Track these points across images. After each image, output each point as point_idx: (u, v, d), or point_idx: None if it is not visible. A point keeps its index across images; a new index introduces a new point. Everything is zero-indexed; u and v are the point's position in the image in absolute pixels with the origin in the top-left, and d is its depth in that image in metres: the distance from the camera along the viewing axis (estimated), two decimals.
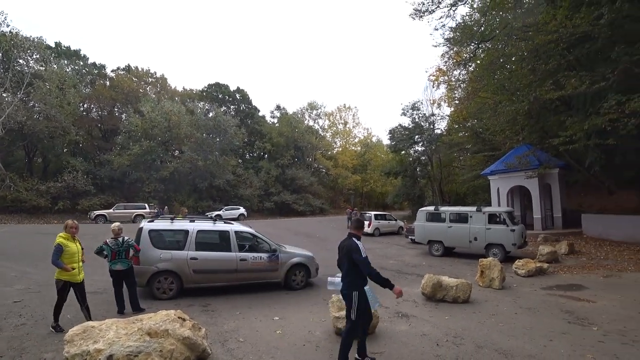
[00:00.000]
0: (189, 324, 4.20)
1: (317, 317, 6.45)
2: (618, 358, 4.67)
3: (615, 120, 11.49)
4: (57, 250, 5.42)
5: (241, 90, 50.00)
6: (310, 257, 9.44)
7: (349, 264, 4.39)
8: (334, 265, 12.65)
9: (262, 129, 48.18)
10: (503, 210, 13.63)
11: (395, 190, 40.60)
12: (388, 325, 6.10)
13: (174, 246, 8.03)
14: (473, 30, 15.92)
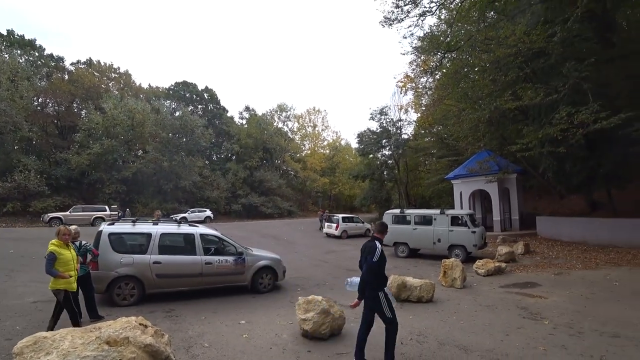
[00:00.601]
0: (151, 331, 4.03)
1: (284, 320, 6.47)
2: (566, 348, 5.08)
3: (565, 130, 12.28)
4: (51, 258, 5.16)
5: (209, 89, 49.07)
6: (277, 260, 9.38)
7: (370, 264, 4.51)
8: (303, 267, 12.89)
9: (231, 130, 47.46)
10: (465, 213, 14.12)
11: (363, 193, 41.19)
12: (354, 325, 6.08)
13: (135, 250, 7.73)
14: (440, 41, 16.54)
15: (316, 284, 10.08)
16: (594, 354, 4.87)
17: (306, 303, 5.70)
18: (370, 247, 4.58)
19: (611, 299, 7.67)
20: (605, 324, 6.06)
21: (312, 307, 5.62)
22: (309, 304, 5.67)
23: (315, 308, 5.57)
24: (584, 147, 13.61)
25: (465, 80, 18.31)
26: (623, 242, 13.50)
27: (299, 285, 9.77)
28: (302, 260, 14.28)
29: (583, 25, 13.02)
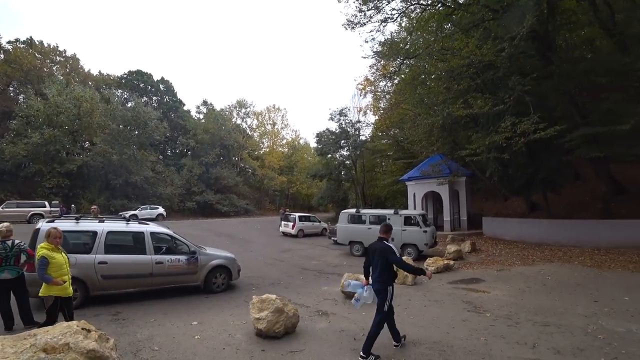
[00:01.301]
0: (94, 335, 3.81)
1: (238, 320, 6.44)
2: (504, 338, 5.56)
3: (509, 138, 13.14)
4: (43, 263, 4.80)
5: (165, 81, 47.08)
6: (231, 259, 9.28)
7: (384, 264, 4.94)
8: (258, 266, 12.86)
9: (187, 124, 45.92)
10: (417, 213, 14.74)
11: (321, 193, 41.67)
12: (308, 323, 6.35)
13: (79, 249, 7.19)
14: (399, 47, 17.20)
15: (271, 282, 10.12)
16: (528, 341, 5.38)
17: (260, 302, 5.73)
18: (383, 248, 5.00)
19: (543, 291, 8.45)
20: (538, 314, 6.70)
21: (266, 306, 5.66)
22: (263, 303, 5.70)
23: (270, 307, 5.61)
24: (525, 155, 14.63)
25: (421, 87, 19.04)
26: (555, 240, 14.88)
27: (254, 285, 9.75)
28: (258, 259, 14.24)
29: (528, 44, 14.14)
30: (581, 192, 19.85)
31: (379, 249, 5.02)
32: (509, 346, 5.24)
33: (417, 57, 16.68)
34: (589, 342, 5.30)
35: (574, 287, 8.74)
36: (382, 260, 4.95)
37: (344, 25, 17.25)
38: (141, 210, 30.07)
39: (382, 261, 4.95)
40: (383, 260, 4.95)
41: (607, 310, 6.84)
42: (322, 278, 10.81)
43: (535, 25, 13.21)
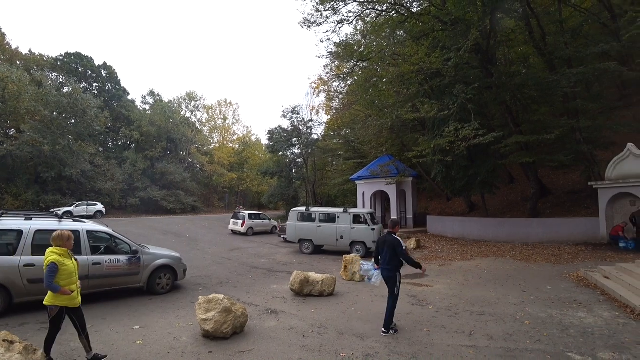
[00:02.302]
0: (19, 347, 3.52)
1: (183, 322, 6.24)
2: (444, 327, 5.99)
3: (453, 142, 14.01)
4: (52, 269, 4.21)
5: (108, 66, 43.48)
6: (177, 258, 8.86)
7: (392, 254, 5.73)
8: (205, 265, 12.56)
9: (131, 115, 42.81)
10: (365, 212, 15.11)
11: (271, 190, 41.22)
12: (257, 322, 6.27)
13: (1, 251, 6.54)
14: (354, 49, 17.58)
15: (219, 282, 9.88)
16: (466, 330, 5.85)
17: (207, 302, 5.58)
18: (392, 241, 5.77)
19: (480, 284, 9.17)
20: (475, 305, 7.28)
21: (214, 306, 5.51)
22: (210, 303, 5.55)
23: (217, 307, 5.48)
24: (466, 158, 15.67)
25: (373, 89, 19.69)
26: (491, 237, 16.19)
27: (201, 285, 9.48)
28: (205, 258, 13.86)
29: (472, 56, 15.21)
30: (513, 194, 21.84)
31: (389, 241, 5.79)
32: (449, 335, 5.66)
33: (370, 60, 17.21)
34: (517, 328, 5.90)
35: (506, 279, 9.59)
36: (390, 251, 5.74)
37: (301, 24, 17.35)
38: (77, 207, 27.85)
39: (390, 252, 5.75)
40: (392, 251, 5.73)
41: (533, 299, 7.62)
42: (271, 276, 10.77)
43: (479, 39, 14.30)
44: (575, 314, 6.55)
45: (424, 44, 15.07)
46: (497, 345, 5.22)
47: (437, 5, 16.04)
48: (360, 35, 19.51)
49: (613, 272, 8.49)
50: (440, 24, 15.35)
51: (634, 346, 5.12)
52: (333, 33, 20.47)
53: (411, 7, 17.32)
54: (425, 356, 4.86)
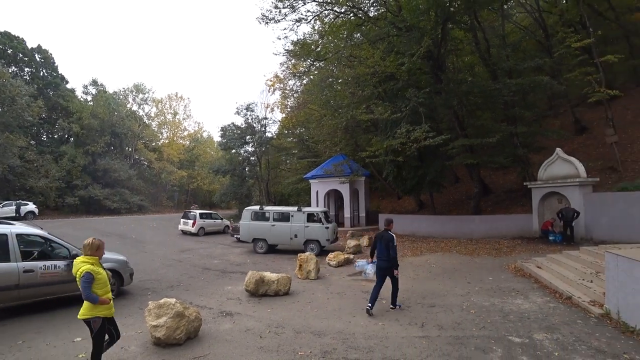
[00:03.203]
0: None
1: (131, 330, 5.87)
2: (398, 320, 6.30)
3: (404, 143, 14.49)
4: (88, 279, 3.97)
5: (44, 50, 39.39)
6: (123, 262, 8.28)
7: (388, 249, 6.68)
8: (154, 268, 12.07)
9: (70, 106, 39.00)
10: (319, 210, 15.20)
11: (223, 189, 40.26)
12: (212, 326, 6.11)
13: None
14: (311, 49, 17.68)
15: (170, 285, 9.42)
16: (418, 321, 6.19)
17: (158, 307, 5.33)
18: (388, 237, 6.77)
19: (429, 278, 9.70)
20: (425, 298, 7.71)
21: (165, 311, 5.28)
22: (160, 309, 5.31)
23: (168, 312, 5.25)
24: (416, 159, 16.45)
25: (329, 89, 19.92)
26: (439, 233, 17.09)
27: (150, 289, 8.98)
28: (154, 261, 13.18)
29: (424, 62, 15.93)
30: (458, 192, 23.28)
31: (385, 237, 6.82)
32: (402, 328, 5.95)
33: (327, 60, 17.43)
34: (464, 317, 6.36)
35: (453, 272, 10.22)
36: (386, 246, 6.73)
37: (258, 19, 17.12)
38: (3, 207, 25.16)
39: (386, 247, 6.72)
40: (386, 246, 6.72)
41: (477, 289, 8.23)
42: (225, 277, 10.51)
43: (431, 46, 15.05)
44: (514, 301, 7.19)
45: (379, 47, 15.55)
46: (447, 334, 5.59)
47: (393, 11, 16.65)
48: (317, 35, 19.68)
49: (544, 263, 9.44)
50: (396, 30, 15.94)
51: (562, 326, 5.78)
52: (291, 31, 20.66)
53: (368, 11, 17.74)
54: (380, 349, 5.06)
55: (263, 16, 16.96)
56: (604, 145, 16.88)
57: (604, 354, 4.79)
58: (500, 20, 18.93)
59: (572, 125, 21.37)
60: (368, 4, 17.68)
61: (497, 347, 5.03)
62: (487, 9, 17.29)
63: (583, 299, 6.80)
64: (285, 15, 16.83)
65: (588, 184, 13.27)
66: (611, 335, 5.36)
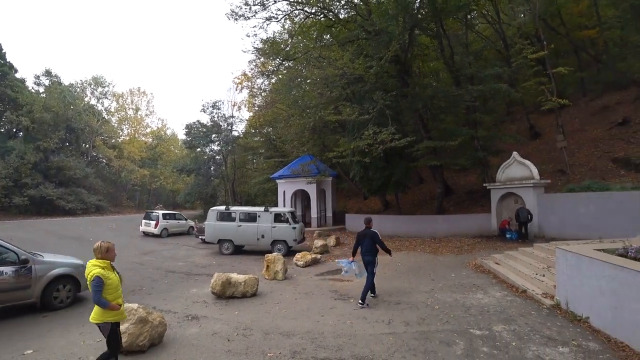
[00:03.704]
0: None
1: (90, 339, 5.52)
2: (366, 318, 6.41)
3: (371, 145, 14.76)
4: (98, 284, 3.90)
5: None
6: (79, 266, 7.72)
7: (371, 243, 7.39)
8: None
9: (19, 97, 35.96)
10: (287, 211, 15.13)
11: (188, 189, 39.15)
12: (177, 330, 5.95)
13: None
14: (280, 48, 17.60)
15: (131, 290, 8.99)
16: (385, 319, 6.34)
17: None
18: (371, 234, 7.47)
19: (395, 276, 9.96)
20: (392, 295, 7.91)
21: (126, 317, 4.99)
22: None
23: (130, 318, 5.04)
24: (382, 160, 16.81)
25: (297, 89, 19.87)
26: (404, 232, 17.53)
27: None
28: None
29: (391, 66, 16.36)
30: (422, 193, 24.05)
31: (368, 234, 7.47)
32: (370, 325, 6.07)
33: (296, 60, 17.44)
34: (429, 312, 6.60)
35: (418, 270, 10.55)
36: (370, 241, 7.40)
37: (228, 15, 16.80)
38: None
39: (370, 242, 7.40)
40: (371, 241, 7.39)
41: (441, 286, 8.56)
42: (190, 280, 10.21)
43: (399, 51, 15.46)
44: (475, 296, 7.56)
45: (348, 49, 15.77)
46: (413, 329, 5.77)
47: (363, 15, 16.96)
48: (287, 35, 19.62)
49: (502, 259, 9.99)
50: (365, 33, 16.22)
51: (518, 318, 6.17)
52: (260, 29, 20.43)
53: (339, 13, 17.97)
54: (349, 347, 5.15)
55: (233, 12, 16.71)
56: (555, 149, 18.09)
57: (555, 341, 5.17)
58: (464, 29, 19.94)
59: (527, 130, 22.76)
60: (339, 6, 17.92)
61: (459, 340, 5.27)
62: (452, 17, 18.14)
63: (536, 292, 7.29)
64: (255, 13, 16.69)
65: (541, 185, 14.19)
66: (561, 324, 5.80)
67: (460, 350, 4.93)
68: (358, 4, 17.61)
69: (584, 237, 10.29)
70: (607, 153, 16.70)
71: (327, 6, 16.94)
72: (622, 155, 15.81)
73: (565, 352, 4.84)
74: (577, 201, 12.86)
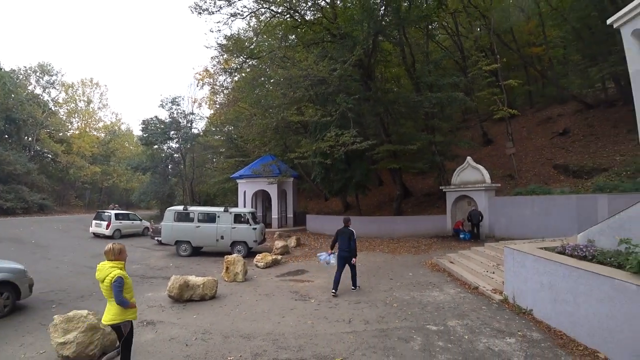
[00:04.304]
0: None
1: (32, 350, 5.13)
2: (326, 318, 6.48)
3: (332, 146, 14.97)
4: (121, 284, 4.06)
5: None
6: (19, 271, 7.15)
7: (349, 241, 8.10)
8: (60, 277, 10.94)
9: None
10: (247, 211, 14.88)
11: (143, 188, 37.57)
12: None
13: None
14: (244, 45, 17.29)
15: (80, 296, 8.34)
16: (345, 318, 6.43)
17: (66, 322, 4.77)
18: (348, 232, 8.21)
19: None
20: (352, 295, 8.03)
21: (75, 325, 4.75)
22: (70, 323, 4.76)
23: (79, 326, 4.74)
24: (343, 161, 17.04)
25: (260, 88, 19.70)
26: (364, 233, 17.66)
27: (55, 301, 7.84)
28: (60, 269, 11.60)
29: (355, 70, 16.66)
30: (382, 195, 24.69)
31: (346, 232, 8.20)
32: (330, 325, 6.13)
33: (260, 59, 17.24)
34: (387, 310, 6.78)
35: (377, 269, 10.79)
36: (346, 238, 8.12)
37: (191, 8, 16.27)
38: None
39: (346, 239, 8.12)
40: (347, 239, 8.11)
41: (399, 285, 8.82)
42: (145, 283, 9.73)
43: (362, 56, 15.79)
44: (431, 294, 7.87)
45: (313, 51, 15.86)
46: (373, 327, 5.91)
47: (329, 18, 17.16)
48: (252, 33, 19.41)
49: (456, 258, 10.50)
50: (330, 36, 16.40)
51: (471, 313, 6.52)
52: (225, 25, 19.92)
53: (305, 14, 18.03)
54: (311, 347, 5.18)
55: (196, 5, 16.19)
56: (505, 156, 19.30)
57: (503, 333, 5.53)
58: (425, 39, 20.85)
59: (480, 137, 24.11)
60: (305, 8, 18.01)
61: (417, 336, 5.47)
62: (414, 27, 18.88)
63: (487, 288, 7.75)
64: (220, 8, 16.28)
65: (492, 189, 15.07)
66: (509, 317, 6.20)
67: (418, 346, 5.12)
68: (324, 7, 17.78)
69: (530, 236, 11.11)
70: (549, 160, 18.05)
71: (294, 7, 16.93)
72: (562, 162, 17.15)
73: (512, 342, 5.19)
74: (523, 204, 13.81)
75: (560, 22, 22.47)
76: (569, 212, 12.32)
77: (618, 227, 5.80)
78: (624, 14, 6.86)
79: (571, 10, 20.11)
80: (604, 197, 11.54)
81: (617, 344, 4.43)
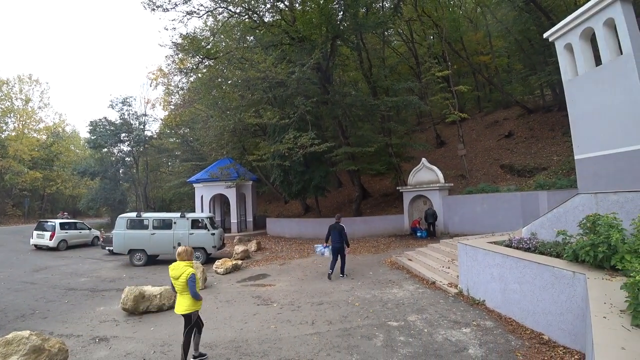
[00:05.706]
0: None
1: None
2: (290, 321, 6.44)
3: (291, 149, 14.93)
4: (194, 280, 4.86)
5: None
6: None
7: (339, 235, 9.60)
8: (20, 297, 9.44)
9: None
10: (205, 216, 14.40)
11: (92, 194, 35.23)
12: (83, 356, 5.30)
13: None
14: (201, 45, 16.63)
15: (20, 315, 7.65)
16: (308, 320, 6.46)
17: (5, 345, 4.41)
18: (339, 227, 9.74)
19: (317, 277, 10.16)
20: (314, 297, 8.06)
21: (15, 348, 4.40)
22: (9, 346, 4.40)
23: (21, 349, 4.39)
24: (302, 164, 17.08)
25: (217, 90, 19.22)
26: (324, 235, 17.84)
27: None
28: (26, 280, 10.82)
29: (313, 73, 16.75)
30: (341, 196, 25.04)
31: (337, 227, 9.74)
32: (294, 328, 6.14)
33: (217, 59, 16.80)
34: (350, 310, 6.89)
35: (338, 270, 10.83)
36: (338, 233, 9.63)
37: (144, 4, 15.49)
38: None
39: (338, 234, 9.62)
40: (338, 233, 9.61)
41: (360, 284, 8.98)
42: (96, 297, 9.11)
43: (321, 59, 15.95)
44: (391, 291, 8.10)
45: (272, 54, 15.74)
46: (336, 327, 5.99)
47: (287, 20, 17.16)
48: (209, 32, 18.86)
49: (414, 255, 10.89)
50: (289, 39, 16.40)
51: (429, 307, 6.81)
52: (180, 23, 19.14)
53: (264, 16, 17.91)
54: (275, 351, 5.16)
55: (150, 1, 15.47)
56: (456, 157, 20.33)
57: (459, 324, 5.84)
58: (381, 45, 21.56)
59: (434, 139, 25.22)
60: (264, 9, 17.87)
61: (379, 333, 5.62)
62: (371, 32, 19.41)
63: (443, 283, 8.13)
64: (175, 5, 15.65)
65: (445, 188, 15.80)
66: (464, 309, 6.56)
67: (380, 342, 5.26)
68: (283, 10, 17.75)
69: (481, 232, 11.85)
70: (496, 160, 19.27)
71: (252, 7, 16.72)
72: (507, 162, 18.37)
73: (468, 332, 5.50)
74: (474, 201, 14.63)
75: (505, 34, 24.26)
76: (515, 208, 13.21)
77: (556, 220, 6.36)
78: (557, 29, 7.59)
79: (514, 23, 21.68)
80: (544, 194, 12.49)
81: (558, 325, 4.85)
